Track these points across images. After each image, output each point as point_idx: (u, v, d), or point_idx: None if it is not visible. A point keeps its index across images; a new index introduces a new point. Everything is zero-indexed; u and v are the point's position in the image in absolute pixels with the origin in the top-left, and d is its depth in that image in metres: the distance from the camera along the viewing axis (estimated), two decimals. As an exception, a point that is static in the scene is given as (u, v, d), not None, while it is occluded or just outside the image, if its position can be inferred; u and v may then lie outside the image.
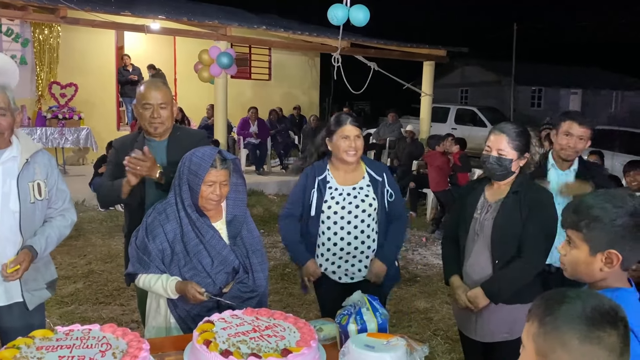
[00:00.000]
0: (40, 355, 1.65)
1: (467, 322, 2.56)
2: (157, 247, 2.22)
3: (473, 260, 2.51)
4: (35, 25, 10.47)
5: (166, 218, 2.23)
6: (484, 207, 2.50)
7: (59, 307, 4.45)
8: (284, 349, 1.78)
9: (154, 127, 2.67)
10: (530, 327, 1.20)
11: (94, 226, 6.86)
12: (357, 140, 2.72)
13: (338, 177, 2.80)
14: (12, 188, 2.31)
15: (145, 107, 2.64)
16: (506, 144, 2.39)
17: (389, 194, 2.79)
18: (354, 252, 2.77)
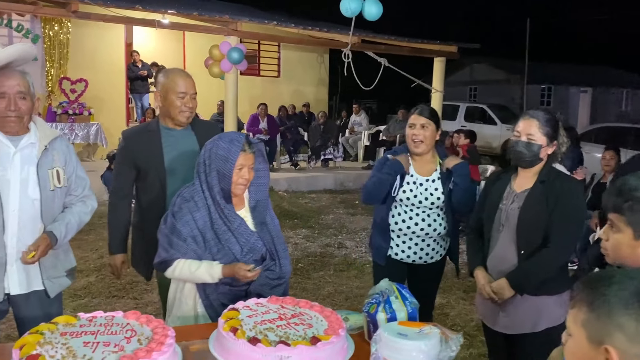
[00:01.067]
0: (64, 340, 1.61)
1: (491, 314, 2.51)
2: (189, 233, 2.17)
3: (498, 251, 2.46)
4: (46, 21, 10.48)
5: (195, 205, 2.18)
6: (510, 196, 2.45)
7: (72, 300, 4.43)
8: (312, 337, 1.73)
9: (185, 116, 2.67)
10: (578, 314, 1.13)
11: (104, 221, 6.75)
12: (422, 129, 2.84)
13: (416, 166, 2.93)
14: (30, 175, 2.28)
15: (180, 96, 2.63)
16: (536, 129, 2.34)
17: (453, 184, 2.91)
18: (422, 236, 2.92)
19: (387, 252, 2.98)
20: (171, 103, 2.64)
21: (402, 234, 2.94)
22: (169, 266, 2.17)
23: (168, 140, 2.70)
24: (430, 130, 2.86)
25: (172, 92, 2.63)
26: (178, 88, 2.63)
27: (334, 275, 5.38)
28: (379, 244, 3.01)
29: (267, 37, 11.31)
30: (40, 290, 2.37)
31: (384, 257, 3.00)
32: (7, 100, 2.19)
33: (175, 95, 2.63)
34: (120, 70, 11.72)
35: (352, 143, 12.72)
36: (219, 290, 2.19)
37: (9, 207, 2.23)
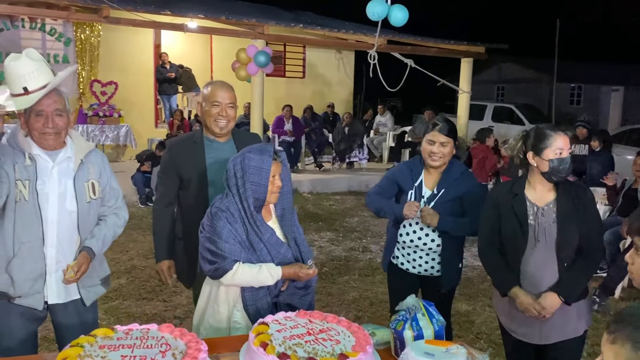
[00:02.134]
0: (103, 354, 1.68)
1: (529, 328, 2.51)
2: (235, 239, 2.21)
3: (535, 267, 2.45)
4: (77, 25, 10.73)
5: (232, 216, 2.22)
6: (536, 212, 2.45)
7: (104, 302, 4.54)
8: (340, 353, 1.77)
9: (219, 126, 2.73)
10: (620, 350, 1.11)
11: (134, 222, 6.98)
12: (442, 147, 2.87)
13: (428, 181, 2.98)
14: (68, 188, 2.35)
15: (214, 105, 2.71)
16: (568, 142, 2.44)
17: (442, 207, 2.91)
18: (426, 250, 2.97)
19: (390, 259, 3.11)
20: (207, 112, 2.72)
21: (406, 245, 3.02)
22: (227, 271, 2.17)
23: (211, 152, 2.77)
24: (449, 148, 2.89)
25: (208, 102, 2.72)
26: (213, 98, 2.71)
27: (359, 280, 5.41)
28: (385, 251, 3.18)
29: (292, 39, 11.37)
30: (77, 299, 2.45)
31: (386, 264, 3.14)
32: (44, 118, 2.26)
33: (211, 104, 2.71)
34: (149, 73, 11.94)
35: (377, 144, 12.70)
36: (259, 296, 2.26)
37: (48, 219, 2.31)
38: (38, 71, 2.21)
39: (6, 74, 2.23)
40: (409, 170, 3.02)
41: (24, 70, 2.19)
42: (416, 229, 2.97)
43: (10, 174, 2.24)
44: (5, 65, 2.22)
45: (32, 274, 2.32)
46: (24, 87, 2.19)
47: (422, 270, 3.01)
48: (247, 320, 2.23)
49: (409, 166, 3.05)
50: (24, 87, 2.19)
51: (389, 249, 3.11)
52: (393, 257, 3.09)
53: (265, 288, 2.26)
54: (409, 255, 3.02)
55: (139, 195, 8.06)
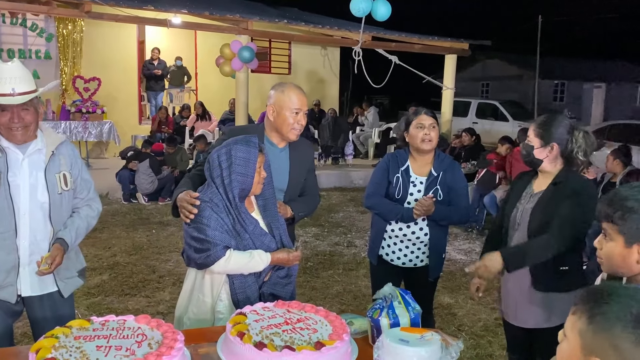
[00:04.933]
0: (78, 344, 1.67)
1: (508, 308, 2.64)
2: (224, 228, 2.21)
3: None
4: (59, 20, 10.60)
5: (217, 206, 2.22)
6: (527, 197, 2.56)
7: (86, 298, 4.52)
8: (317, 342, 1.78)
9: (296, 134, 2.65)
10: (577, 322, 1.17)
11: (117, 219, 6.94)
12: (432, 130, 2.92)
13: (415, 168, 3.01)
14: (39, 180, 2.34)
15: (294, 112, 2.60)
16: (531, 132, 2.53)
17: (437, 193, 2.96)
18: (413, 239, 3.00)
19: (379, 252, 3.10)
20: (284, 119, 2.60)
21: (394, 236, 3.03)
22: (219, 257, 2.16)
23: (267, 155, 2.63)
24: (436, 131, 2.95)
25: (287, 108, 2.60)
26: (293, 105, 2.60)
27: (343, 274, 5.43)
28: (372, 244, 3.15)
29: (277, 35, 11.35)
30: (54, 292, 2.44)
31: (375, 257, 3.13)
32: (10, 113, 2.26)
33: (290, 111, 2.60)
34: (133, 69, 11.83)
35: (363, 140, 12.74)
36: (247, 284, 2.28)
37: (20, 211, 2.30)
38: (25, 78, 2.28)
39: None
40: (394, 157, 3.05)
41: (16, 73, 2.25)
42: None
43: None
44: None
45: (5, 266, 2.30)
46: (12, 87, 2.23)
47: (407, 261, 3.05)
48: (231, 311, 2.23)
49: (393, 155, 3.08)
50: (12, 88, 2.23)
51: (376, 241, 3.11)
52: (380, 249, 3.10)
53: (254, 275, 2.28)
54: (395, 246, 3.04)
55: (123, 192, 8.00)
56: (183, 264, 5.40)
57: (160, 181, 8.10)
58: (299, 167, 2.72)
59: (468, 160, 8.50)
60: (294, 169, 2.71)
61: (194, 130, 11.21)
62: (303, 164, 2.76)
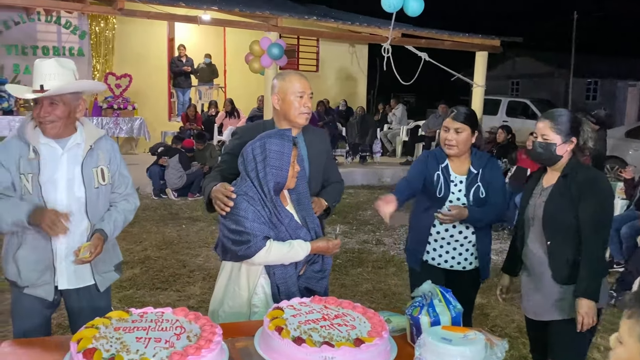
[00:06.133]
0: (118, 335, 1.68)
1: (528, 303, 2.64)
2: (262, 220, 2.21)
3: (530, 245, 2.58)
4: (92, 17, 10.79)
5: (252, 199, 2.21)
6: (538, 192, 2.57)
7: (118, 291, 4.57)
8: (356, 338, 1.75)
9: (304, 118, 2.62)
10: (635, 326, 1.12)
11: (148, 214, 7.03)
12: (456, 134, 2.79)
13: (454, 166, 2.89)
14: (76, 174, 2.36)
15: (298, 96, 2.59)
16: (549, 129, 2.46)
17: (479, 190, 2.83)
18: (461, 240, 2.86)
19: (423, 257, 2.92)
20: (290, 104, 2.59)
21: (439, 237, 2.88)
22: (260, 248, 2.16)
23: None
24: (464, 135, 2.79)
25: (291, 92, 2.59)
26: (296, 88, 2.59)
27: (372, 272, 5.38)
28: (414, 248, 2.96)
29: (306, 32, 11.32)
30: (91, 285, 2.46)
31: (418, 263, 2.93)
32: (40, 107, 2.29)
33: (294, 95, 2.59)
34: (163, 66, 11.97)
35: (391, 138, 12.65)
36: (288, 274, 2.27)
37: (57, 205, 2.31)
38: (59, 75, 2.29)
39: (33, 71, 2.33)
40: (433, 154, 2.95)
41: (47, 70, 2.28)
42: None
43: (12, 170, 2.28)
44: (34, 64, 2.33)
45: (39, 265, 2.33)
46: (41, 84, 2.26)
47: (455, 264, 2.88)
48: (267, 305, 2.22)
49: (432, 152, 2.98)
50: (41, 85, 2.26)
51: (419, 245, 2.92)
52: (425, 253, 2.91)
53: (293, 266, 2.27)
54: (442, 249, 2.88)
55: (154, 187, 8.10)
56: (213, 259, 5.45)
57: (189, 177, 8.18)
58: (317, 152, 2.70)
59: (500, 158, 8.35)
60: (313, 154, 2.68)
61: (222, 127, 11.29)
62: (321, 149, 2.74)
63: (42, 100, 2.28)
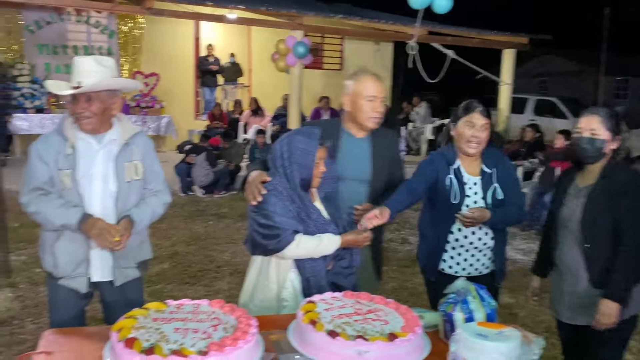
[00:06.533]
0: (157, 326, 1.71)
1: (561, 306, 2.57)
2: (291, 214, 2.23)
3: (564, 247, 2.50)
4: (121, 17, 10.97)
5: (281, 194, 2.23)
6: (574, 192, 2.48)
7: (147, 285, 4.62)
8: (390, 333, 1.75)
9: (374, 122, 2.59)
10: None
11: (176, 210, 7.11)
12: (483, 132, 2.54)
13: (465, 167, 2.63)
14: (109, 169, 2.40)
15: (369, 100, 2.55)
16: (599, 124, 2.35)
17: (497, 191, 2.59)
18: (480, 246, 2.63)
19: (439, 266, 2.68)
20: (360, 108, 2.55)
21: (457, 245, 2.63)
22: (290, 242, 2.18)
23: (345, 146, 2.63)
24: (488, 132, 2.56)
25: (361, 96, 2.55)
26: (368, 92, 2.55)
27: (398, 271, 5.36)
28: (429, 258, 2.73)
29: (331, 30, 11.34)
30: None
31: (435, 273, 2.70)
32: (77, 103, 2.35)
33: (365, 99, 2.55)
34: (189, 65, 12.11)
35: (415, 136, 12.58)
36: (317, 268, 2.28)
37: (92, 200, 2.37)
38: (96, 72, 2.33)
39: (72, 68, 2.39)
40: (441, 155, 2.67)
41: (85, 67, 2.33)
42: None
43: (50, 164, 2.33)
44: (73, 61, 2.38)
45: (75, 258, 2.38)
46: (78, 81, 2.31)
47: (472, 271, 2.66)
48: (296, 299, 2.24)
49: (441, 151, 2.70)
50: (78, 81, 2.31)
51: (435, 254, 2.68)
52: (442, 262, 2.68)
53: (323, 260, 2.28)
54: (460, 256, 2.64)
55: (181, 184, 8.21)
56: (240, 255, 5.51)
57: (215, 174, 8.27)
58: (381, 156, 2.66)
59: (527, 157, 8.24)
60: (377, 158, 2.65)
61: (247, 125, 11.37)
62: (386, 154, 2.70)
63: (79, 96, 2.33)
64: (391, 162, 2.74)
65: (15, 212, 5.97)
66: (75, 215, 2.28)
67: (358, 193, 2.62)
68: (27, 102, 9.84)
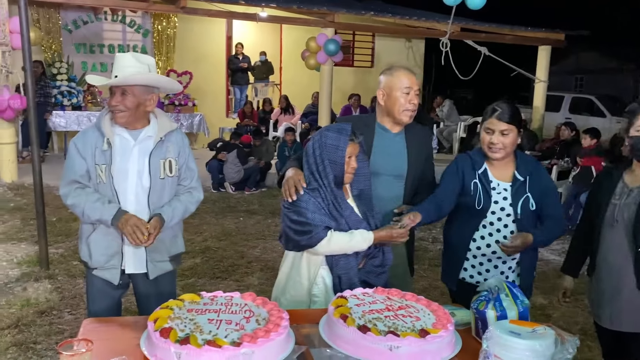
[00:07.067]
0: (191, 317, 1.75)
1: (602, 310, 2.47)
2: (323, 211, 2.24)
3: (610, 247, 2.40)
4: (155, 16, 11.18)
5: (313, 191, 2.25)
6: (624, 192, 2.37)
7: (180, 279, 4.72)
8: (421, 329, 1.75)
9: (409, 115, 2.57)
10: None
11: (207, 206, 7.22)
12: (502, 137, 2.41)
13: (495, 171, 2.51)
14: (144, 165, 2.44)
15: (404, 93, 2.54)
16: None
17: (529, 202, 2.43)
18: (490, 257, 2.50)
19: (460, 275, 2.58)
20: (395, 101, 2.54)
21: (479, 254, 2.51)
22: (322, 238, 2.19)
23: (380, 141, 2.62)
24: (511, 137, 2.41)
25: (397, 88, 2.54)
26: (402, 84, 2.53)
27: (429, 269, 5.33)
28: (450, 266, 2.63)
29: (362, 27, 11.31)
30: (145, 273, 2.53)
31: (454, 282, 2.60)
32: (112, 96, 2.41)
33: (400, 91, 2.53)
34: (221, 63, 12.25)
35: (447, 135, 12.43)
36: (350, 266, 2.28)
37: (127, 195, 2.43)
38: (133, 68, 2.38)
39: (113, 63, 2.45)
40: (467, 158, 2.56)
41: (124, 63, 2.38)
42: (492, 231, 2.47)
43: (88, 159, 2.40)
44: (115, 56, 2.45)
45: (108, 250, 2.45)
46: (116, 75, 2.37)
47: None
48: (327, 295, 2.26)
49: (465, 156, 2.60)
50: (115, 75, 2.37)
51: (456, 262, 2.58)
52: (462, 271, 2.58)
53: (355, 258, 2.28)
54: (482, 266, 2.52)
55: (212, 181, 8.32)
56: (270, 251, 5.56)
57: (246, 171, 8.35)
58: (417, 151, 2.64)
59: (562, 157, 8.06)
60: (412, 153, 2.63)
61: (277, 123, 11.44)
62: (421, 149, 2.68)
63: (114, 90, 2.39)
64: (426, 158, 2.73)
65: (53, 207, 6.20)
66: (110, 211, 2.35)
67: (393, 189, 2.61)
68: (65, 100, 10.12)
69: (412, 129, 2.68)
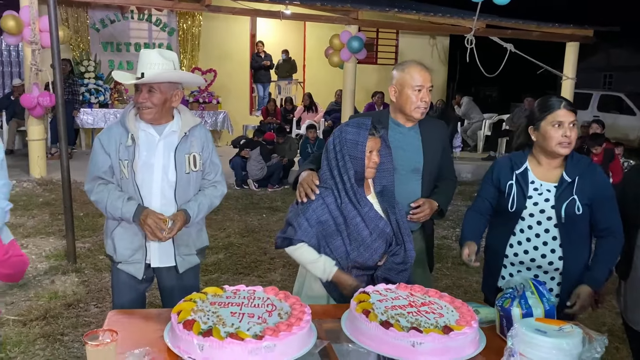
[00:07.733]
0: (214, 309, 1.76)
1: (635, 315, 2.38)
2: (319, 217, 2.25)
3: None
4: (180, 15, 11.30)
5: (324, 189, 2.25)
6: None
7: (204, 274, 4.77)
8: (445, 326, 1.73)
9: (420, 112, 2.58)
10: None
11: (231, 203, 7.28)
12: (572, 130, 2.25)
13: (539, 172, 2.36)
14: (170, 160, 2.47)
15: (416, 90, 2.54)
16: None
17: (575, 205, 2.24)
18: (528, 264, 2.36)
19: (498, 282, 2.45)
20: (407, 98, 2.54)
21: (517, 261, 2.37)
22: (291, 244, 2.25)
23: (394, 137, 2.60)
24: (576, 131, 2.27)
25: (408, 86, 2.53)
26: (414, 82, 2.53)
27: (452, 268, 5.27)
28: (489, 272, 2.50)
29: (386, 24, 11.24)
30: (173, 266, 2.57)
31: (493, 291, 2.41)
32: (139, 93, 2.43)
33: (412, 89, 2.53)
34: (245, 61, 12.32)
35: (471, 133, 12.29)
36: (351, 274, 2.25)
37: (152, 189, 2.46)
38: (159, 65, 2.40)
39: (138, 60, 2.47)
40: (505, 161, 2.44)
41: (149, 60, 2.40)
42: (530, 235, 2.32)
43: (112, 154, 2.44)
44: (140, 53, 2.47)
45: (132, 244, 2.48)
46: (142, 72, 2.39)
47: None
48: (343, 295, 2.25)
49: (504, 159, 2.48)
50: (142, 73, 2.39)
51: (493, 269, 2.45)
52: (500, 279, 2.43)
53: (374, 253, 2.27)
54: (520, 274, 2.33)
55: (236, 178, 8.38)
56: (293, 248, 5.56)
57: (269, 168, 8.39)
58: (432, 144, 2.64)
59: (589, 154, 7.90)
60: (428, 146, 2.62)
61: (300, 120, 11.46)
62: (436, 142, 2.67)
63: (141, 87, 2.41)
64: (442, 152, 2.71)
65: (81, 202, 6.32)
66: (131, 208, 2.38)
67: (410, 183, 2.60)
68: (92, 97, 10.31)
69: (427, 122, 2.67)
